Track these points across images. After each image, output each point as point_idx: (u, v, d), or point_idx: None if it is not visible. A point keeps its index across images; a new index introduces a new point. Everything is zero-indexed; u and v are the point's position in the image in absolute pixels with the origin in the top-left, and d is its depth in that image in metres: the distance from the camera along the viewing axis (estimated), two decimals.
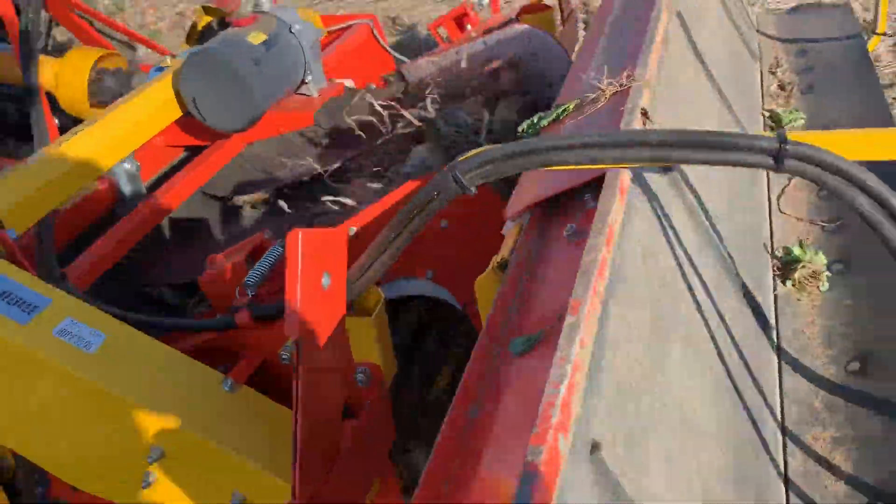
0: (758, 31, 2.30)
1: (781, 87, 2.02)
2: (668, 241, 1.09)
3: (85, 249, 1.69)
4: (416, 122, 1.81)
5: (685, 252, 1.12)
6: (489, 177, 0.99)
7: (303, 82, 1.96)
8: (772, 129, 1.78)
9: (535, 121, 1.33)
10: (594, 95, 1.25)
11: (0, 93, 2.37)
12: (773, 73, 2.11)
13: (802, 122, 1.78)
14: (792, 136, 0.91)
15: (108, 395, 1.15)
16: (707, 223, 1.23)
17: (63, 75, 2.11)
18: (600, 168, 1.01)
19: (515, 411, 0.87)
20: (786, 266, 1.42)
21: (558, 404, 0.69)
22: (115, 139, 1.67)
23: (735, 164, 0.93)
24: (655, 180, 1.10)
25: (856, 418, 1.15)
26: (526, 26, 2.00)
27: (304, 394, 0.97)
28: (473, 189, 0.98)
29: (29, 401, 1.21)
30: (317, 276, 1.00)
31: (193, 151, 2.10)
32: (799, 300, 1.39)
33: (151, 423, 1.14)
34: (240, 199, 2.03)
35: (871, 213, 0.91)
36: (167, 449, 1.15)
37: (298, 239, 0.95)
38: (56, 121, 2.16)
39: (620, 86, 1.21)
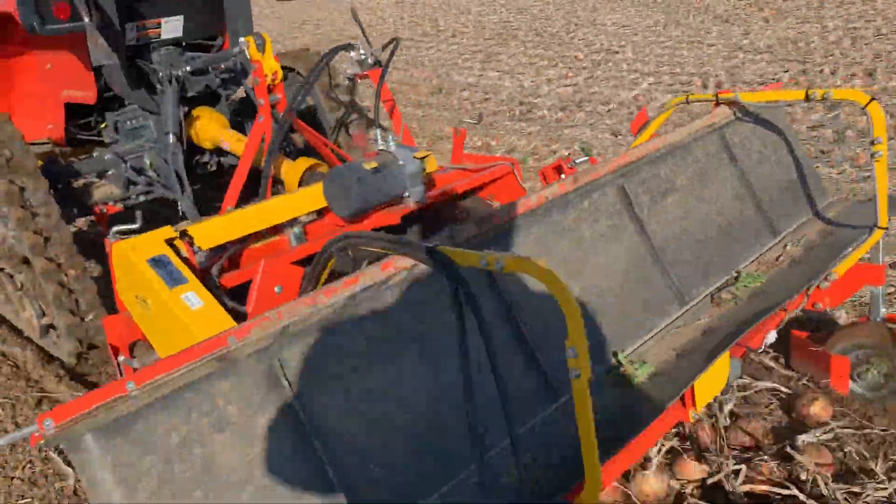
0: None
1: None
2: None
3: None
4: None
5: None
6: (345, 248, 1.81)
7: (402, 196, 2.63)
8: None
9: None
10: None
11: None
12: None
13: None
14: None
15: (183, 324, 2.01)
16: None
17: (289, 173, 3.13)
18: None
19: None
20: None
21: None
22: (289, 209, 2.55)
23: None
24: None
25: None
26: None
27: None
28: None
29: (159, 320, 2.10)
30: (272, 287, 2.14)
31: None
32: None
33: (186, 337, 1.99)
34: None
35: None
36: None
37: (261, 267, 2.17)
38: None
39: None
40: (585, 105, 6.55)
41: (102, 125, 3.63)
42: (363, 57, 3.10)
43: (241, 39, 2.96)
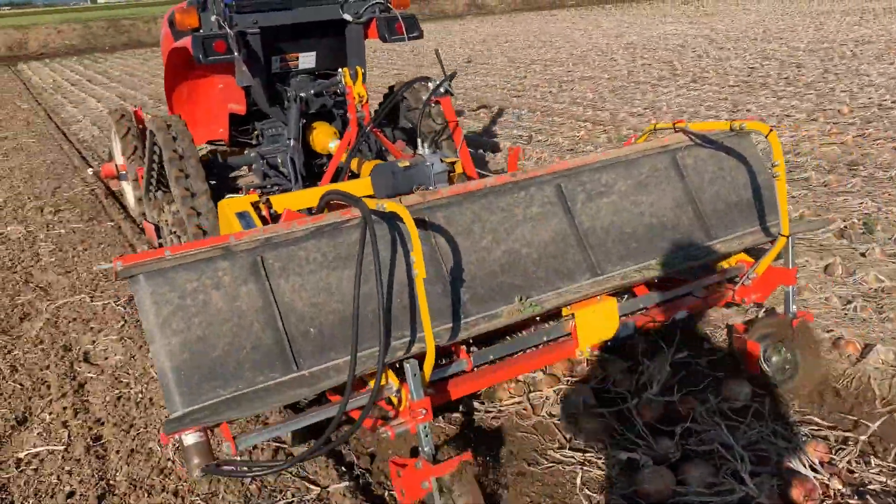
0: None
1: None
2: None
3: None
4: None
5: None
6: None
7: (429, 188, 3.28)
8: None
9: None
10: None
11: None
12: None
13: None
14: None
15: None
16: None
17: (361, 168, 3.96)
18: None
19: None
20: None
21: None
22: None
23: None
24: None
25: None
26: None
27: None
28: None
29: None
30: None
31: None
32: None
33: None
34: None
35: None
36: None
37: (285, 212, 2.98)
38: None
39: None
40: (859, 168, 5.60)
41: (254, 132, 4.69)
42: (443, 87, 3.86)
43: (339, 70, 3.90)
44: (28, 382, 3.47)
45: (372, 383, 2.33)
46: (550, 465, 2.63)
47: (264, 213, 3.11)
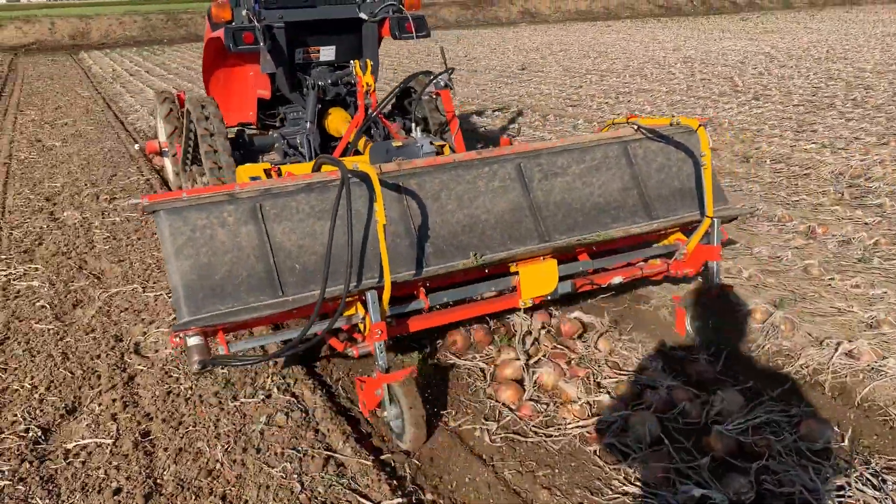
0: None
1: None
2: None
3: None
4: None
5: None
6: None
7: None
8: None
9: None
10: None
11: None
12: None
13: None
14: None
15: None
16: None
17: (365, 147, 4.50)
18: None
19: None
20: None
21: None
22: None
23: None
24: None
25: None
26: None
27: None
28: None
29: None
30: None
31: None
32: None
33: None
34: None
35: None
36: None
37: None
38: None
39: None
40: None
41: (278, 116, 5.16)
42: (442, 81, 4.61)
43: (351, 62, 4.57)
44: (79, 371, 3.43)
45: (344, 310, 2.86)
46: (615, 496, 2.49)
47: (273, 177, 3.60)
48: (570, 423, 2.87)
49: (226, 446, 2.81)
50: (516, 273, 3.19)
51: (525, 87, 12.09)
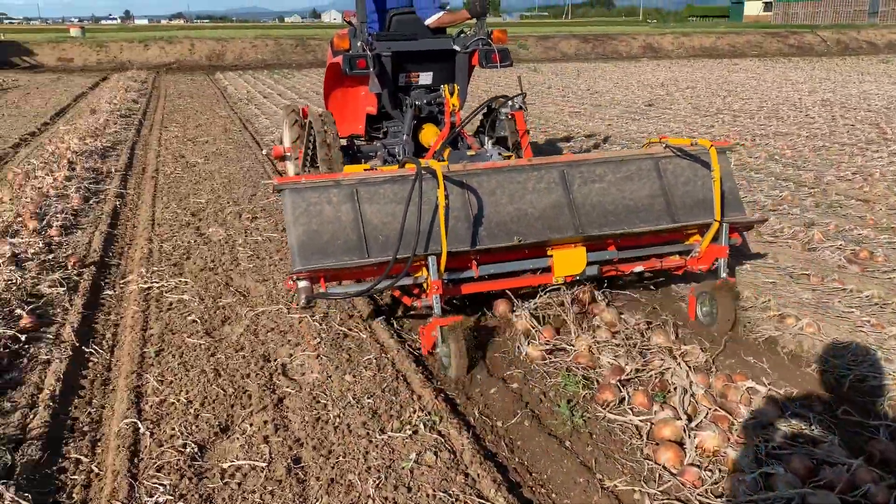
0: None
1: None
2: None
3: None
4: None
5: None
6: None
7: None
8: None
9: None
10: None
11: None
12: None
13: None
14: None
15: None
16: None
17: (447, 155, 5.27)
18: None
19: None
20: None
21: None
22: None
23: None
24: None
25: None
26: None
27: None
28: None
29: None
30: None
31: None
32: None
33: None
34: None
35: None
36: None
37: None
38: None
39: None
40: None
41: (382, 129, 6.01)
42: (515, 103, 5.49)
43: (441, 86, 5.33)
44: (230, 389, 3.51)
45: (415, 271, 3.80)
46: None
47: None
48: (742, 499, 2.66)
49: (377, 482, 2.77)
50: (551, 256, 3.94)
51: (653, 125, 11.81)
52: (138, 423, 3.18)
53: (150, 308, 4.51)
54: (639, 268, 4.26)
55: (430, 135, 5.65)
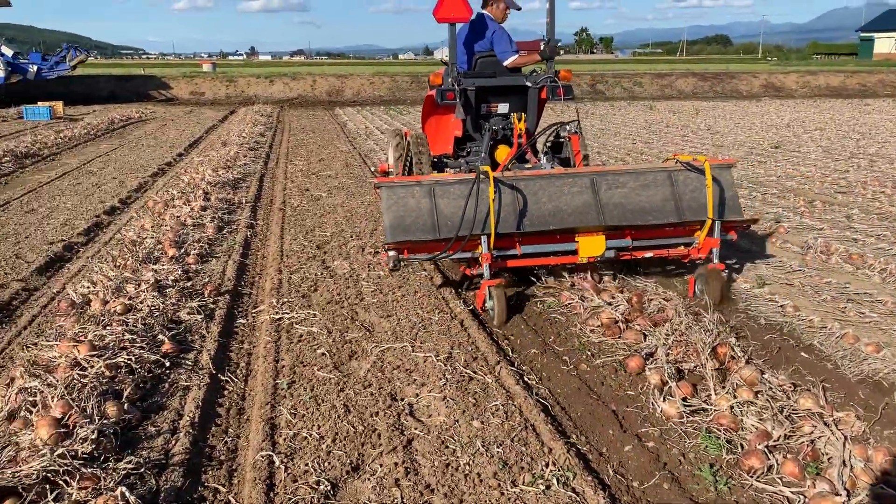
0: None
1: None
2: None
3: None
4: None
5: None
6: None
7: None
8: None
9: None
10: None
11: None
12: None
13: None
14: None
15: None
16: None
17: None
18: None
19: None
20: None
21: None
22: None
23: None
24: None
25: None
26: None
27: None
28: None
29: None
30: None
31: None
32: None
33: None
34: None
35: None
36: None
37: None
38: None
39: None
40: None
41: (465, 150, 7.01)
42: (569, 128, 6.71)
43: (513, 114, 6.54)
44: (360, 427, 3.53)
45: (468, 247, 5.00)
46: None
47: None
48: None
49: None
50: (577, 241, 5.13)
51: (781, 168, 11.30)
52: (273, 455, 3.24)
53: (282, 339, 4.64)
54: (649, 254, 5.38)
55: (503, 153, 6.70)
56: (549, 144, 6.94)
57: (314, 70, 41.41)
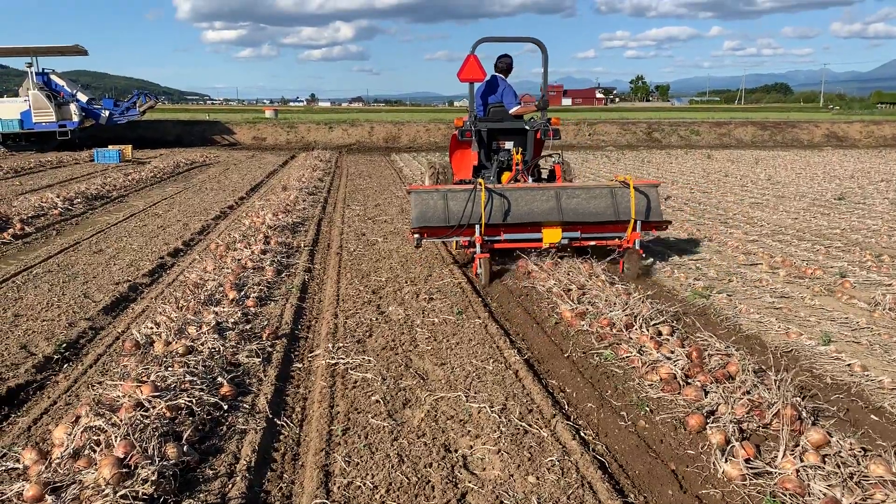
0: None
1: None
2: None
3: None
4: None
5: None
6: None
7: None
8: None
9: None
10: None
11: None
12: None
13: None
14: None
15: None
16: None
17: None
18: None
19: None
20: None
21: None
22: None
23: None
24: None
25: None
26: None
27: None
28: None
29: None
30: None
31: None
32: None
33: None
34: None
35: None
36: None
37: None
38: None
39: None
40: None
41: (480, 175, 8.85)
42: (554, 159, 9.27)
43: (513, 149, 8.94)
44: (413, 478, 3.50)
45: (467, 233, 7.40)
46: None
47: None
48: None
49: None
50: (542, 232, 7.42)
51: (846, 221, 11.00)
52: None
53: (336, 384, 4.67)
54: (592, 242, 7.70)
55: (506, 178, 8.78)
56: (546, 173, 9.51)
57: (371, 117, 42.35)
